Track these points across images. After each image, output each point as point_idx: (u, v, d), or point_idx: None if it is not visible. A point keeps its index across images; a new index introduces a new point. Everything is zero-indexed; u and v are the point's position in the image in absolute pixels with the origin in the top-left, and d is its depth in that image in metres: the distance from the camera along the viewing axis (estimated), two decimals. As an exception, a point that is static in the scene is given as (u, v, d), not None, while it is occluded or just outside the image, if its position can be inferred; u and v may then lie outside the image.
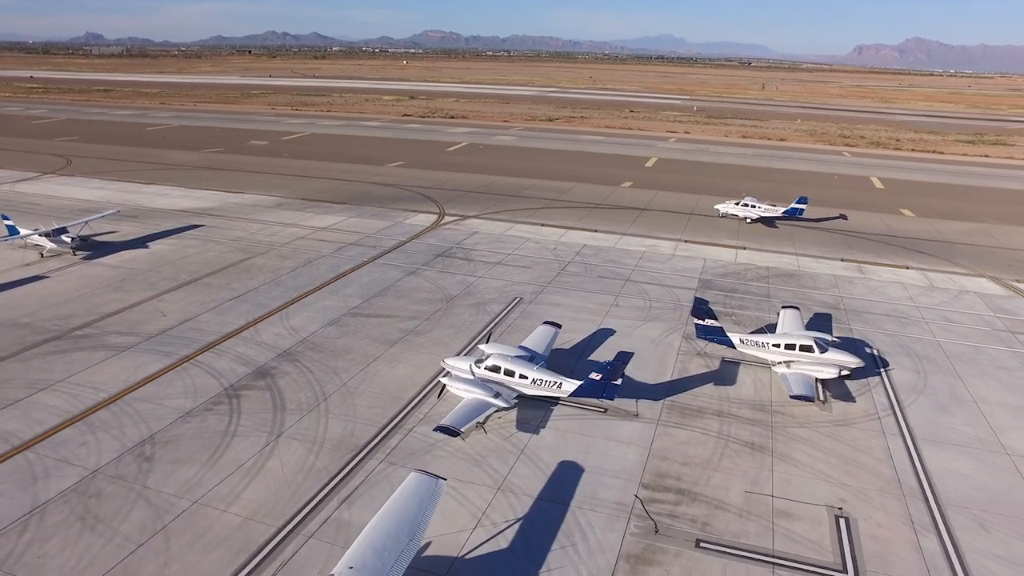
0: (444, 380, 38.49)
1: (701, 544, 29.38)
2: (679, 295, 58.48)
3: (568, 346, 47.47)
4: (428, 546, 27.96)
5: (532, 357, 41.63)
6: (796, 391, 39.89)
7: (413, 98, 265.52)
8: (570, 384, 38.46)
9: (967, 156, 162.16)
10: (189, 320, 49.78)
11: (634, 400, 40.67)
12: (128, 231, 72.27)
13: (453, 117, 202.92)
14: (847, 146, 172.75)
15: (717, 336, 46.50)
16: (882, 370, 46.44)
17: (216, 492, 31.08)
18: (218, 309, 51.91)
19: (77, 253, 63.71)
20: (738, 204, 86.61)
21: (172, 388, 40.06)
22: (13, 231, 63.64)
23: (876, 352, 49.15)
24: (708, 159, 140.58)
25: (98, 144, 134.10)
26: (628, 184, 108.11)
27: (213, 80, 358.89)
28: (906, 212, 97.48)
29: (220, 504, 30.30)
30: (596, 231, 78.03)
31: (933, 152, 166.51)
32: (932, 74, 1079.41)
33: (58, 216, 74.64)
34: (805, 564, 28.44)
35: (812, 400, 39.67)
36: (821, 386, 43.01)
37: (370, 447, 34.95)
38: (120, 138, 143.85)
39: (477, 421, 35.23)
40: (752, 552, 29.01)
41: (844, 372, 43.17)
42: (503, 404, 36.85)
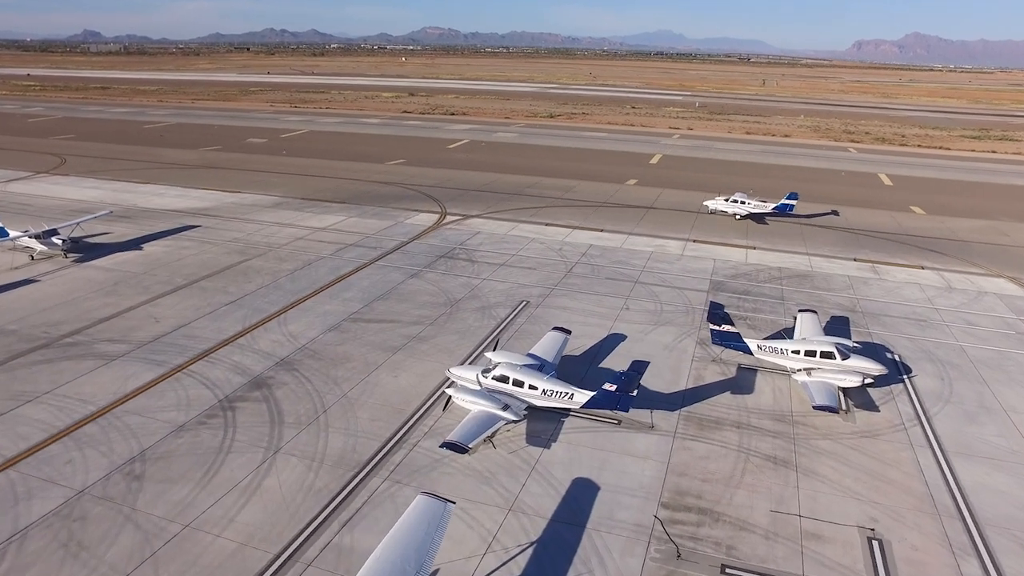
0: (450, 391, 36.60)
1: (727, 570, 27.54)
2: (690, 298, 56.58)
3: (578, 353, 45.59)
4: (436, 574, 26.09)
5: (541, 366, 39.76)
6: (819, 401, 38.01)
7: (413, 95, 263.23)
8: (582, 395, 36.61)
9: (974, 152, 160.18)
10: (183, 326, 47.86)
11: (648, 411, 38.81)
12: (122, 232, 70.30)
13: (453, 114, 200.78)
14: (852, 142, 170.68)
15: (734, 342, 44.62)
16: (905, 377, 44.60)
17: (209, 515, 29.20)
18: (213, 315, 49.98)
19: (68, 256, 61.76)
20: (728, 200, 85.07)
21: (164, 400, 38.16)
22: (2, 233, 61.57)
23: (898, 358, 47.31)
24: (713, 156, 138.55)
25: (94, 143, 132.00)
26: (633, 182, 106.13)
27: (211, 77, 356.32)
28: (916, 209, 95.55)
29: (213, 528, 28.42)
30: (602, 231, 76.10)
31: (939, 148, 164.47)
32: (932, 69, 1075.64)
33: (49, 217, 72.70)
34: (839, 592, 26.61)
35: (836, 411, 37.79)
36: (843, 395, 41.11)
37: (373, 464, 33.07)
38: (116, 136, 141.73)
39: (485, 436, 33.31)
40: (782, 579, 27.18)
41: (868, 380, 41.26)
42: (512, 417, 34.96)
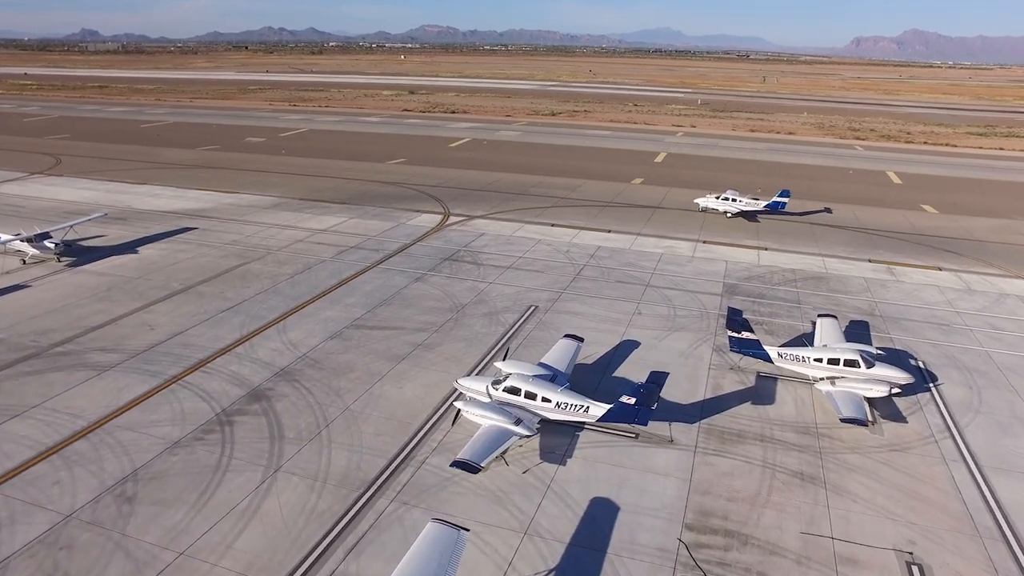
0: (459, 404, 34.74)
1: (759, 600, 25.72)
2: (704, 302, 54.74)
3: (590, 361, 43.74)
4: (449, 608, 24.23)
5: (554, 376, 37.92)
6: (846, 414, 36.17)
7: (413, 93, 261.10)
8: (599, 408, 34.77)
9: (981, 149, 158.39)
10: (179, 334, 45.98)
11: (667, 423, 36.97)
12: (116, 235, 68.38)
13: (454, 112, 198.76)
14: (858, 139, 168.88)
15: (753, 350, 42.76)
16: (931, 385, 42.78)
17: (205, 541, 27.36)
18: (210, 321, 48.10)
19: (61, 259, 59.87)
20: (719, 198, 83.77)
21: (158, 414, 36.30)
22: (-7, 237, 59.71)
23: (922, 364, 45.49)
24: (718, 154, 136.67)
25: (90, 142, 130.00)
26: (639, 181, 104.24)
27: (209, 76, 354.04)
28: (928, 208, 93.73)
29: (210, 556, 26.58)
30: (610, 231, 74.22)
31: (946, 145, 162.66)
32: (931, 66, 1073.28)
33: (43, 219, 70.79)
34: (882, 625, 24.80)
35: (865, 424, 35.94)
36: (869, 405, 39.24)
37: (379, 483, 31.22)
38: (113, 136, 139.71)
39: (498, 453, 31.45)
40: (819, 610, 25.36)
41: (895, 390, 39.43)
42: (525, 432, 33.12)
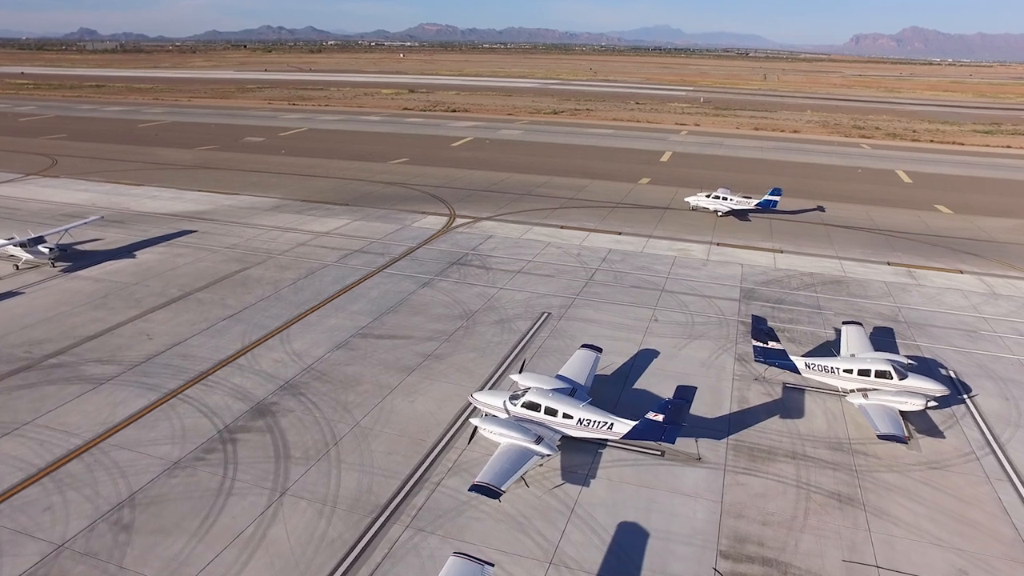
0: (475, 421, 32.80)
1: (806, 639, 23.84)
2: (722, 307, 52.84)
3: (609, 372, 41.82)
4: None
5: (574, 390, 36.05)
6: (884, 430, 34.29)
7: (413, 91, 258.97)
8: (623, 425, 32.89)
9: (989, 147, 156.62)
10: (178, 344, 44.02)
11: (693, 439, 35.07)
12: (113, 238, 66.37)
13: (455, 111, 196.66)
14: (863, 137, 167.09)
15: (779, 360, 40.88)
16: (966, 397, 40.93)
17: (208, 574, 25.43)
18: (211, 331, 46.13)
19: (56, 265, 57.87)
20: (709, 196, 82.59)
21: (157, 431, 34.35)
22: (-15, 241, 57.68)
23: (953, 374, 43.63)
24: (724, 153, 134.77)
25: (87, 142, 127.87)
26: (646, 181, 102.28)
27: (208, 75, 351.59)
28: (942, 208, 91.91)
29: (212, 591, 24.67)
30: (620, 233, 72.28)
31: (953, 143, 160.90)
32: (931, 63, 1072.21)
33: (38, 222, 68.77)
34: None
35: (904, 441, 34.05)
36: (904, 420, 37.35)
37: (392, 507, 29.29)
38: (110, 136, 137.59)
39: (520, 475, 29.52)
40: (872, 651, 23.48)
41: (931, 403, 37.54)
42: (547, 451, 31.19)
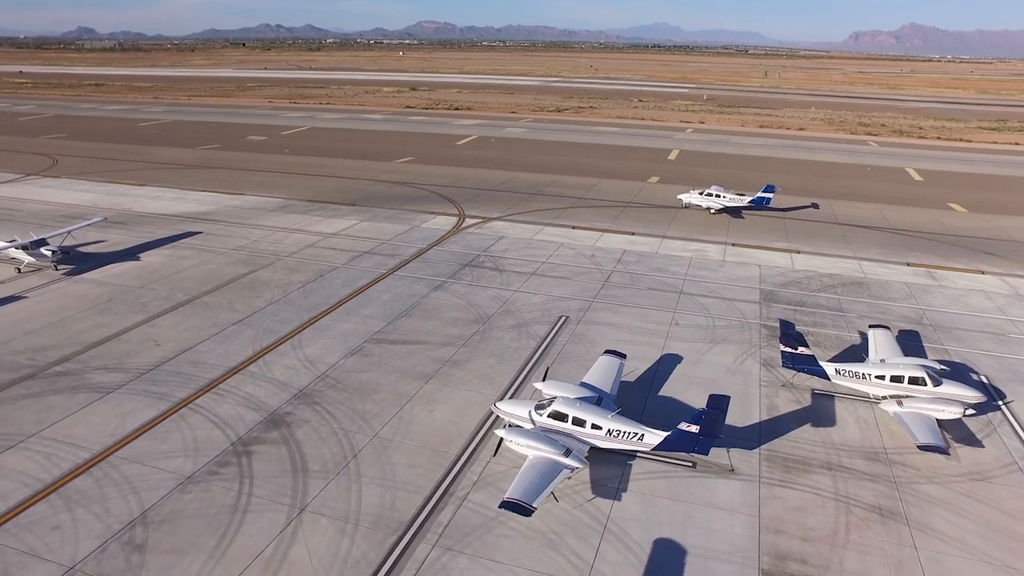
0: (500, 433, 31.49)
1: (861, 666, 22.55)
2: (743, 310, 51.54)
3: (632, 378, 40.51)
4: None
5: (600, 399, 34.75)
6: (923, 440, 32.99)
7: (414, 89, 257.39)
8: (654, 436, 31.59)
9: (997, 144, 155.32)
10: (186, 351, 42.65)
11: (725, 449, 33.76)
12: (116, 240, 64.96)
13: (458, 109, 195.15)
14: (870, 135, 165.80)
15: (808, 366, 39.58)
16: (1001, 403, 39.64)
17: (226, 598, 24.13)
18: (220, 336, 44.77)
19: (58, 268, 56.47)
20: (702, 194, 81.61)
21: (168, 443, 33.01)
22: (-14, 244, 56.25)
23: (986, 380, 42.35)
24: (731, 151, 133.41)
25: (87, 142, 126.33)
26: (655, 179, 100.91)
27: (207, 73, 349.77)
28: (956, 207, 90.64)
29: (232, 617, 23.36)
30: (633, 234, 70.94)
31: (960, 140, 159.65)
32: (930, 60, 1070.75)
33: (39, 224, 67.38)
34: None
35: (946, 451, 32.78)
36: (940, 428, 36.10)
37: (417, 524, 27.98)
38: (110, 135, 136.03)
39: (551, 491, 28.21)
40: None
41: (968, 411, 36.23)
42: (577, 464, 29.89)
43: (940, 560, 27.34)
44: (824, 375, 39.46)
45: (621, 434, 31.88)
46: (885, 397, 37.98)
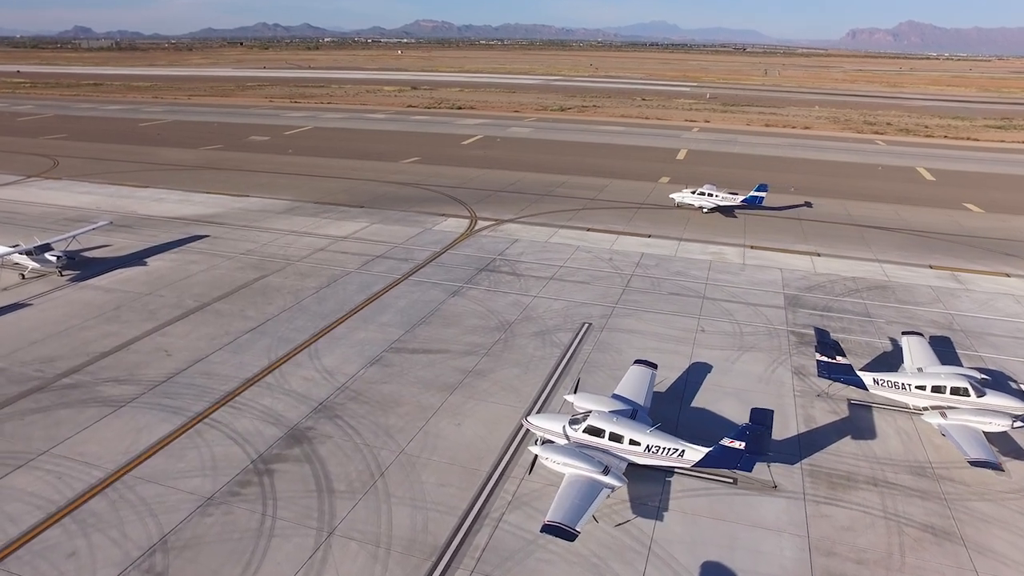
0: (535, 450, 30.08)
1: None
2: (769, 316, 50.19)
3: (662, 388, 39.10)
4: None
5: (634, 412, 33.38)
6: (975, 455, 31.60)
7: (415, 88, 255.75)
8: (695, 452, 30.24)
9: (1005, 143, 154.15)
10: (199, 361, 41.19)
11: (765, 464, 32.37)
12: (122, 244, 63.43)
13: (460, 108, 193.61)
14: (876, 134, 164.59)
15: (844, 376, 38.25)
16: (1045, 413, 38.22)
17: (255, 632, 22.71)
18: (233, 345, 43.30)
19: (63, 274, 54.97)
20: (695, 193, 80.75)
21: (185, 461, 31.56)
22: (-11, 249, 54.68)
23: (1025, 387, 40.95)
24: (739, 150, 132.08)
25: (87, 142, 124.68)
26: (666, 180, 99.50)
27: (206, 73, 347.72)
28: (972, 207, 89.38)
29: (262, 654, 21.94)
30: (650, 236, 69.57)
31: (968, 139, 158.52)
32: (929, 58, 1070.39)
33: (41, 227, 65.87)
34: None
35: (999, 467, 31.43)
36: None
37: (452, 549, 26.57)
38: (111, 135, 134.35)
39: (593, 512, 26.80)
40: None
41: (1017, 423, 34.87)
42: (616, 483, 28.51)
43: (1002, 585, 26.01)
44: (861, 385, 38.13)
45: (661, 450, 30.51)
46: (926, 408, 36.70)
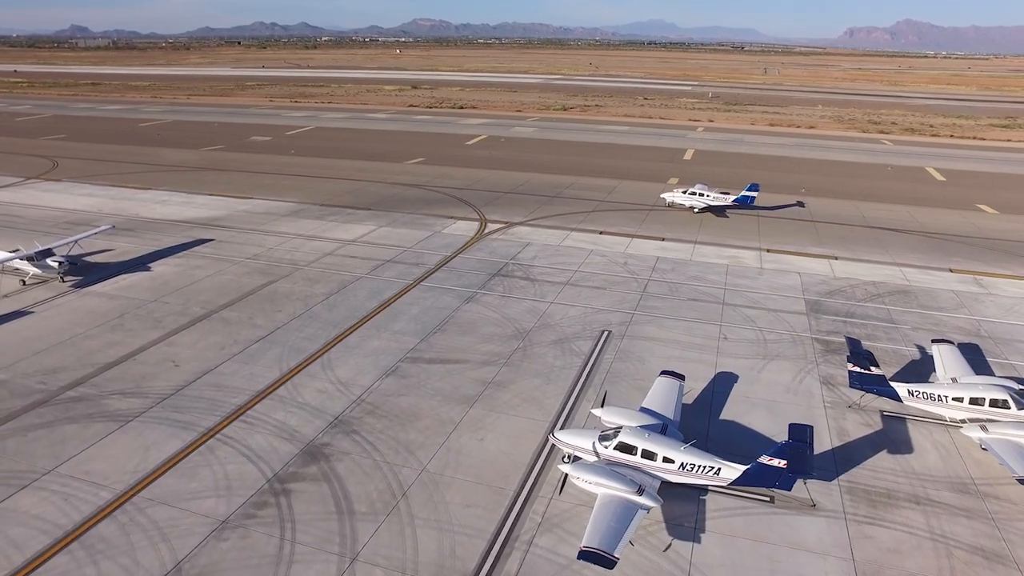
0: (566, 468, 28.74)
1: None
2: (791, 323, 48.87)
3: (688, 399, 37.75)
4: None
5: (664, 426, 32.04)
6: (1023, 472, 30.32)
7: (416, 88, 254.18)
8: (732, 470, 28.93)
9: (1011, 142, 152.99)
10: (208, 372, 39.78)
11: (802, 481, 31.02)
12: (125, 249, 61.96)
13: (462, 108, 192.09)
14: (882, 133, 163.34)
15: (878, 387, 36.93)
16: (1085, 425, 36.94)
17: (278, 670, 21.33)
18: (243, 355, 41.89)
19: (65, 279, 53.50)
20: (686, 192, 79.95)
21: (197, 481, 30.16)
22: (-11, 254, 53.21)
23: (1062, 398, 39.63)
24: (746, 150, 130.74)
25: (87, 143, 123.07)
26: (675, 181, 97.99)
27: (205, 72, 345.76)
28: (986, 208, 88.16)
29: None
30: (663, 239, 68.23)
31: (974, 138, 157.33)
32: (926, 56, 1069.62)
33: (42, 231, 64.38)
34: None
35: (1051, 485, 30.12)
36: (1029, 454, 33.43)
37: (483, 575, 25.24)
38: (111, 136, 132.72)
39: (631, 536, 25.46)
40: None
41: (1061, 437, 33.57)
42: (652, 503, 27.21)
43: (1061, 612, 24.73)
44: (895, 396, 36.82)
45: (696, 468, 29.18)
46: (964, 421, 35.42)
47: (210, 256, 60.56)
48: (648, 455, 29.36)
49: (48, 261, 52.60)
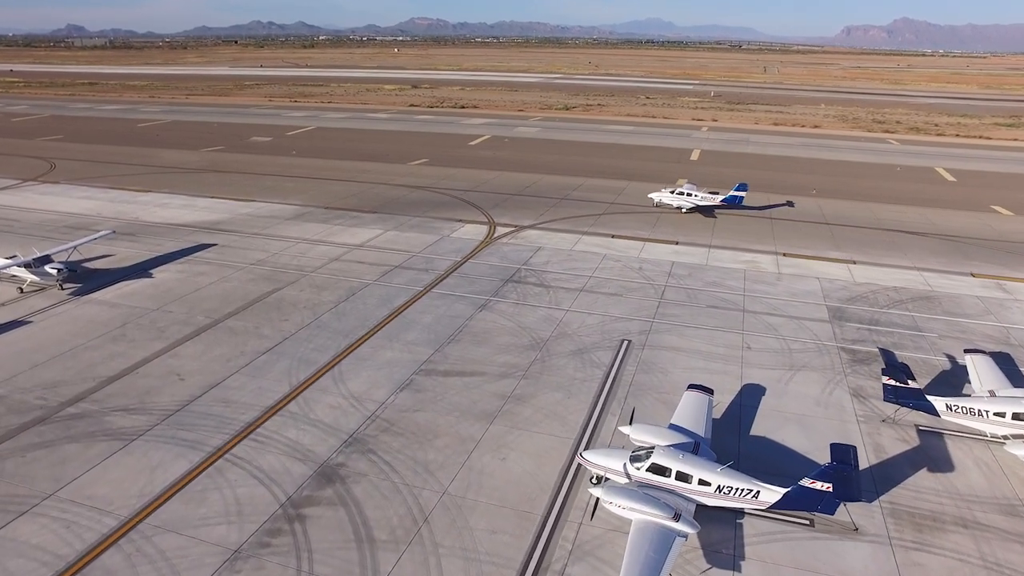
0: (598, 492, 27.15)
1: None
2: (815, 331, 47.36)
3: (716, 413, 36.14)
4: None
5: (696, 444, 30.50)
6: (1076, 493, 28.85)
7: (416, 87, 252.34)
8: (771, 493, 27.40)
9: (1018, 141, 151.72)
10: (215, 386, 38.16)
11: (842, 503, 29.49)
12: (125, 254, 60.27)
13: (464, 107, 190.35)
14: (887, 132, 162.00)
15: (914, 400, 35.42)
16: None
17: None
18: (250, 368, 40.26)
19: (64, 287, 51.83)
20: (673, 192, 78.71)
21: (207, 506, 28.55)
22: (-15, 261, 51.50)
23: (1103, 411, 38.15)
24: (752, 150, 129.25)
25: (85, 144, 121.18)
26: (684, 182, 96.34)
27: (203, 71, 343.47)
28: (1001, 210, 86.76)
29: None
30: (677, 243, 66.67)
31: (980, 137, 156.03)
32: (924, 54, 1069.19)
33: (40, 236, 62.66)
34: None
35: (1105, 508, 28.65)
36: (1077, 473, 32.05)
37: (512, 612, 23.66)
38: (109, 136, 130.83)
39: (670, 568, 23.92)
40: None
41: (1110, 454, 32.13)
42: (689, 530, 25.69)
43: None
44: (932, 411, 35.29)
45: (733, 491, 27.64)
46: (1007, 437, 33.94)
47: (213, 262, 58.91)
48: (683, 477, 27.82)
49: (46, 268, 50.89)
